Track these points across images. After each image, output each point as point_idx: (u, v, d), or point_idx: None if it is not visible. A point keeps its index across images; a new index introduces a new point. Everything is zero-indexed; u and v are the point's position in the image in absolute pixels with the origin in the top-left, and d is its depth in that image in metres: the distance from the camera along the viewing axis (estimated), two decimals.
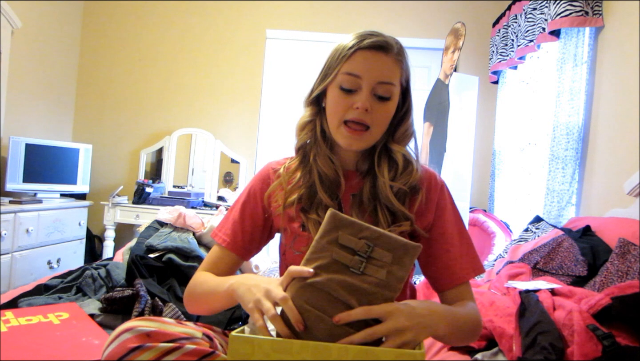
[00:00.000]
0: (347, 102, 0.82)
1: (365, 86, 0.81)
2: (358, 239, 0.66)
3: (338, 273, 0.64)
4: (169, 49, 3.61)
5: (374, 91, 0.82)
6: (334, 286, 0.64)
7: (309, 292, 0.64)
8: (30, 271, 2.73)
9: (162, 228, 2.05)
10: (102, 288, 1.64)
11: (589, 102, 2.12)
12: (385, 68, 0.82)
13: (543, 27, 2.37)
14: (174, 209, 2.15)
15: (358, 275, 0.64)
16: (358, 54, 0.82)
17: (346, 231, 0.66)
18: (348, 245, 0.66)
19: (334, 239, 0.66)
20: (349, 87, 0.82)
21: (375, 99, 0.82)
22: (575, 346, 0.95)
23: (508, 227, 2.65)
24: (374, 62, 0.82)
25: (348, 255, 0.65)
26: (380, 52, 0.82)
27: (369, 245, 0.65)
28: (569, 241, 1.61)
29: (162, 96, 3.62)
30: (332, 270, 0.65)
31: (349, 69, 0.82)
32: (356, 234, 0.66)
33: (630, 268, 1.30)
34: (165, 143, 3.56)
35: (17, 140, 2.87)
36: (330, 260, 0.65)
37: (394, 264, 0.65)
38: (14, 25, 2.76)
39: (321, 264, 0.65)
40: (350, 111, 0.82)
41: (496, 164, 3.09)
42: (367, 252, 0.65)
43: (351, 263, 0.65)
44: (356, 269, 0.65)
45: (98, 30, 3.66)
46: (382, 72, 0.82)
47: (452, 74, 2.67)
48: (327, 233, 0.67)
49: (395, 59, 0.84)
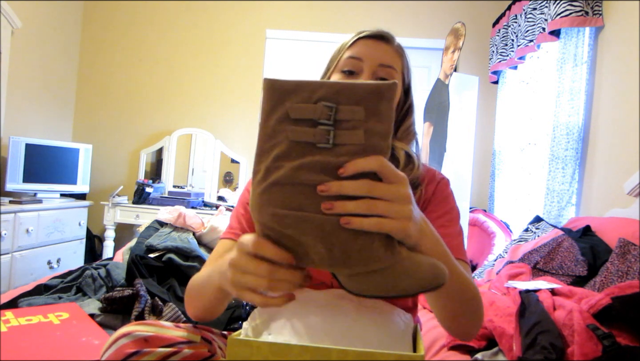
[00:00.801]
0: None
1: (366, 67, 0.81)
2: (314, 104, 0.49)
3: (303, 155, 0.48)
4: (169, 49, 3.61)
5: (376, 73, 0.82)
6: (303, 174, 0.48)
7: (276, 194, 0.49)
8: (30, 271, 2.73)
9: (162, 228, 2.05)
10: (102, 288, 1.64)
11: (589, 102, 2.12)
12: (387, 53, 0.83)
13: (543, 27, 2.37)
14: (174, 209, 2.15)
15: (330, 149, 0.48)
16: (359, 41, 0.84)
17: (295, 99, 0.49)
18: (304, 117, 0.49)
19: (283, 116, 0.49)
20: (350, 69, 0.82)
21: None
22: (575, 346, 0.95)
23: (508, 227, 2.65)
24: (375, 47, 0.83)
25: (308, 129, 0.49)
26: (381, 41, 0.84)
27: (330, 106, 0.48)
28: (569, 241, 1.61)
29: (162, 96, 3.62)
30: (296, 155, 0.49)
31: (350, 54, 0.83)
32: (309, 99, 0.49)
33: (631, 268, 1.30)
34: (165, 143, 3.56)
35: (17, 140, 2.87)
36: (288, 144, 0.49)
37: (370, 118, 0.49)
38: (14, 25, 2.76)
39: (279, 153, 0.49)
40: None
41: (496, 164, 3.09)
42: (331, 115, 0.48)
43: (315, 137, 0.48)
44: (324, 142, 0.48)
45: (98, 30, 3.66)
46: (383, 56, 0.82)
47: (452, 74, 2.67)
48: (273, 109, 0.50)
49: (396, 50, 0.85)
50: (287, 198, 0.48)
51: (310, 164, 0.48)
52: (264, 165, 0.50)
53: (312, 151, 0.49)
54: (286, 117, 0.49)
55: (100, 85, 3.65)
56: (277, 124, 0.49)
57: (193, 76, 3.59)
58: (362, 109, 0.48)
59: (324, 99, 0.49)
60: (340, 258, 0.49)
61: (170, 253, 1.77)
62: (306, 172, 0.48)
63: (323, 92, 0.49)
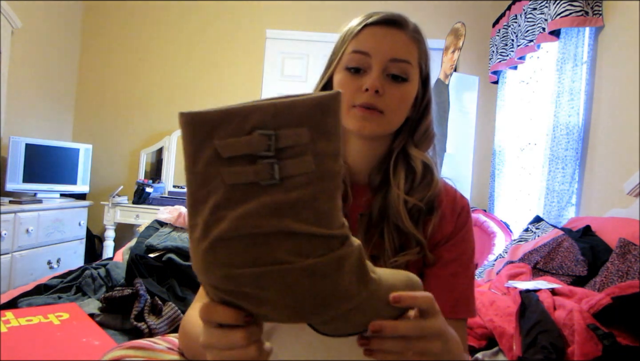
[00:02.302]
0: (354, 84, 0.68)
1: (375, 64, 0.68)
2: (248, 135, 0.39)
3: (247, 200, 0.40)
4: (169, 49, 3.61)
5: (387, 70, 0.68)
6: (251, 222, 0.40)
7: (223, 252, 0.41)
8: (30, 271, 2.72)
9: (162, 228, 2.05)
10: (102, 288, 1.64)
11: (589, 102, 2.12)
12: (400, 44, 0.69)
13: (543, 27, 2.37)
14: (174, 209, 2.15)
15: (277, 186, 0.40)
16: (366, 30, 0.70)
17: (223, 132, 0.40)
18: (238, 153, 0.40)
19: (213, 156, 0.40)
20: (356, 66, 0.69)
21: (388, 80, 0.68)
22: (575, 346, 0.95)
23: (508, 227, 2.65)
24: (386, 37, 0.69)
25: (246, 167, 0.40)
26: (392, 28, 0.70)
27: (268, 134, 0.39)
28: (569, 241, 1.61)
29: (162, 96, 3.62)
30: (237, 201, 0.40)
31: (355, 47, 0.70)
32: (241, 129, 0.40)
33: (631, 268, 1.30)
34: (165, 143, 3.56)
35: (17, 140, 2.87)
36: (225, 189, 0.40)
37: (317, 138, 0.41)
38: (14, 25, 2.76)
39: (217, 202, 0.40)
40: (358, 94, 0.68)
41: (496, 164, 3.09)
42: (271, 145, 0.40)
43: (257, 175, 0.40)
44: (269, 179, 0.40)
45: (98, 30, 3.66)
46: (395, 48, 0.69)
47: (452, 74, 2.67)
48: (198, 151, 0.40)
49: (412, 37, 0.71)
50: (236, 254, 0.40)
51: (256, 210, 0.40)
52: (201, 218, 0.41)
53: (257, 192, 0.40)
54: (217, 157, 0.40)
55: (100, 85, 3.65)
56: (208, 167, 0.40)
57: (193, 75, 3.59)
58: (306, 129, 0.40)
59: (259, 127, 0.40)
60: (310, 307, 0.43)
61: (170, 253, 1.77)
62: (254, 220, 0.40)
63: (256, 118, 0.40)
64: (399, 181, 0.70)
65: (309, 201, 0.41)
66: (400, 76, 0.69)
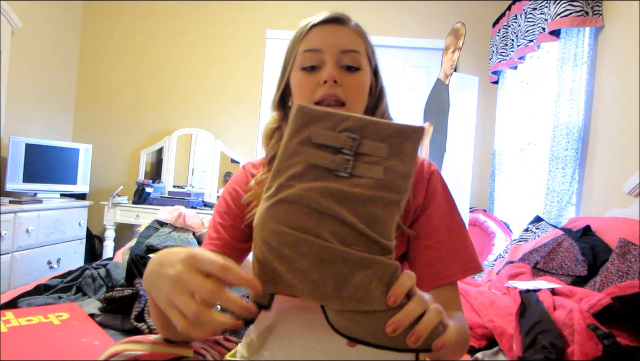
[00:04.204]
0: (312, 80, 0.73)
1: (328, 58, 0.73)
2: (338, 133, 0.49)
3: (317, 179, 0.47)
4: (169, 49, 3.61)
5: (340, 62, 0.73)
6: (314, 197, 0.46)
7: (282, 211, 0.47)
8: (30, 271, 2.72)
9: (162, 228, 2.05)
10: (102, 288, 1.64)
11: (589, 102, 2.12)
12: (347, 37, 0.75)
13: (543, 27, 2.37)
14: (174, 209, 2.15)
15: (346, 178, 0.47)
16: (314, 30, 0.75)
17: (320, 125, 0.49)
18: (326, 143, 0.48)
19: (306, 139, 0.49)
20: (311, 64, 0.73)
21: (343, 71, 0.73)
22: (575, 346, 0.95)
23: (508, 227, 2.65)
24: (333, 33, 0.75)
25: (328, 155, 0.48)
26: (336, 24, 0.76)
27: (354, 138, 0.48)
28: (569, 241, 1.61)
29: (162, 96, 3.62)
30: (310, 177, 0.48)
31: (306, 47, 0.74)
32: (335, 128, 0.49)
33: (631, 268, 1.30)
34: (165, 143, 3.56)
35: (17, 140, 2.87)
36: (305, 166, 0.48)
37: (392, 157, 0.48)
38: (14, 25, 2.76)
39: (294, 173, 0.48)
40: (318, 88, 0.72)
41: (496, 164, 3.09)
42: (353, 147, 0.48)
43: (334, 164, 0.48)
44: (342, 171, 0.47)
45: (98, 30, 3.66)
46: (343, 41, 0.74)
47: (452, 74, 2.67)
48: (297, 131, 0.49)
49: (356, 31, 0.77)
50: (291, 216, 0.46)
51: (322, 189, 0.47)
52: (277, 183, 0.48)
53: (328, 177, 0.48)
54: (308, 140, 0.49)
55: (100, 85, 3.65)
56: (298, 145, 0.49)
57: (193, 76, 3.59)
58: (386, 146, 0.48)
59: (349, 131, 0.49)
60: (332, 290, 0.45)
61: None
62: (316, 196, 0.47)
63: (349, 124, 0.49)
64: None
65: (367, 202, 0.47)
66: (353, 65, 0.73)
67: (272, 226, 0.47)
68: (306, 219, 0.46)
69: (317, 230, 0.46)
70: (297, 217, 0.46)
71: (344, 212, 0.46)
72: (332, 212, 0.46)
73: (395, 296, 0.45)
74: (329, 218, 0.46)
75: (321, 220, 0.46)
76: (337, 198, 0.47)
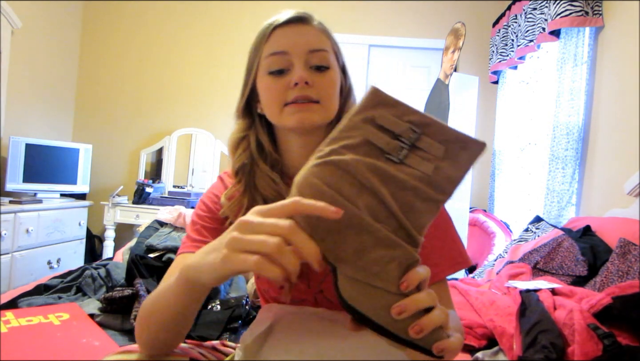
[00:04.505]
0: (281, 84, 0.69)
1: (296, 59, 0.69)
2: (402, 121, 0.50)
3: (368, 155, 0.49)
4: (168, 49, 3.61)
5: (309, 62, 0.70)
6: (360, 167, 0.47)
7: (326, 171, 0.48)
8: (30, 271, 2.72)
9: (162, 228, 2.05)
10: (102, 288, 1.64)
11: (589, 102, 2.12)
12: (312, 36, 0.72)
13: (543, 27, 2.37)
14: (174, 209, 2.15)
15: (395, 163, 0.48)
16: (277, 32, 0.71)
17: (388, 110, 0.50)
18: (388, 127, 0.50)
19: (370, 118, 0.50)
20: (278, 68, 0.70)
21: (312, 71, 0.70)
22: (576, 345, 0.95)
23: (508, 227, 2.65)
24: (298, 33, 0.71)
25: (385, 137, 0.49)
26: (300, 24, 0.73)
27: (415, 131, 0.49)
28: (569, 241, 1.61)
29: (162, 96, 3.62)
30: (362, 152, 0.49)
31: (271, 50, 0.70)
32: (400, 117, 0.50)
33: (631, 267, 1.30)
34: (165, 143, 3.56)
35: (17, 140, 2.87)
36: (361, 140, 0.49)
37: (446, 159, 0.48)
38: (14, 25, 2.76)
39: (349, 144, 0.49)
40: (288, 92, 0.69)
41: (496, 164, 3.09)
42: (412, 139, 0.49)
43: (388, 146, 0.49)
44: (394, 155, 0.48)
45: (98, 30, 3.66)
46: (310, 41, 0.71)
47: (452, 74, 2.67)
48: (364, 109, 0.51)
49: (320, 29, 0.75)
50: (333, 178, 0.48)
51: (369, 164, 0.48)
52: (330, 148, 0.50)
53: (379, 156, 0.49)
54: (372, 120, 0.50)
55: (100, 85, 3.65)
56: (361, 122, 0.50)
57: (193, 75, 3.59)
58: (443, 148, 0.49)
59: (413, 124, 0.50)
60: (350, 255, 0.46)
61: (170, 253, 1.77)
62: (362, 168, 0.48)
63: (415, 118, 0.50)
64: None
65: (408, 190, 0.47)
66: (322, 65, 0.71)
67: (312, 180, 0.48)
68: (346, 186, 0.47)
69: (354, 198, 0.47)
70: (339, 181, 0.47)
71: (384, 191, 0.47)
72: (373, 188, 0.47)
73: (408, 282, 0.45)
74: (368, 192, 0.47)
75: (361, 191, 0.47)
76: (382, 177, 0.48)
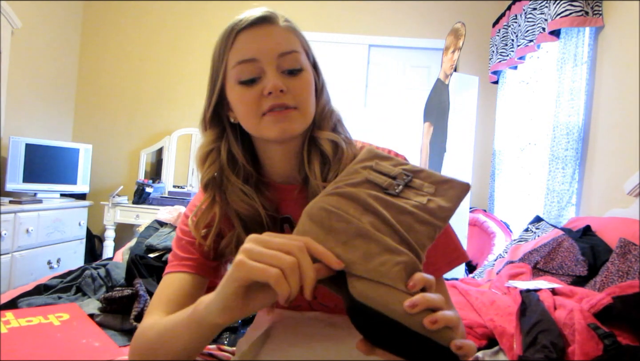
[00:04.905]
0: (254, 94, 0.65)
1: (267, 66, 0.65)
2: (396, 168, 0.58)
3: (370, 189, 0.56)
4: (168, 49, 3.61)
5: (280, 67, 0.66)
6: (363, 196, 0.54)
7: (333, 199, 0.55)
8: (30, 271, 2.72)
9: (162, 228, 2.05)
10: (102, 288, 1.63)
11: (589, 102, 2.12)
12: (280, 37, 0.67)
13: (543, 27, 2.37)
14: (173, 209, 2.15)
15: (393, 196, 0.55)
16: (241, 37, 0.66)
17: (383, 161, 0.60)
18: (384, 171, 0.57)
19: (368, 165, 0.59)
20: (250, 77, 0.65)
21: (286, 76, 0.66)
22: (576, 345, 0.95)
23: (508, 227, 2.65)
24: (264, 36, 0.66)
25: (383, 177, 0.57)
26: (265, 25, 0.67)
27: (407, 174, 0.57)
28: (569, 241, 1.61)
29: (163, 95, 3.62)
30: (364, 188, 0.56)
31: (238, 58, 0.66)
32: (394, 165, 0.59)
33: (631, 267, 1.30)
34: (165, 143, 3.56)
35: (17, 140, 2.87)
36: (362, 179, 0.57)
37: (437, 195, 0.55)
38: (14, 25, 2.76)
39: (351, 182, 0.57)
40: (263, 101, 0.65)
41: (496, 164, 3.09)
42: (406, 180, 0.56)
43: (386, 183, 0.56)
44: (392, 190, 0.55)
45: (98, 30, 3.66)
46: (278, 43, 0.66)
47: (452, 74, 2.67)
48: (362, 161, 0.60)
49: (287, 27, 0.70)
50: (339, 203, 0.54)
51: (371, 194, 0.55)
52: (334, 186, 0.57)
53: (379, 191, 0.56)
54: (370, 167, 0.59)
55: (100, 85, 3.65)
56: (361, 168, 0.59)
57: (193, 75, 3.59)
58: (434, 188, 0.56)
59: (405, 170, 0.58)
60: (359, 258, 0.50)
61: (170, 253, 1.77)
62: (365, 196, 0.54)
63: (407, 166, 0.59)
64: (314, 168, 0.68)
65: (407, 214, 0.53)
66: (295, 68, 0.67)
67: (320, 205, 0.55)
68: (351, 209, 0.54)
69: (359, 216, 0.53)
70: (345, 205, 0.54)
71: (386, 213, 0.53)
72: (376, 211, 0.53)
73: (415, 281, 0.46)
74: (372, 213, 0.53)
75: (365, 212, 0.53)
76: (383, 203, 0.54)
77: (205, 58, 2.92)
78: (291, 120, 0.65)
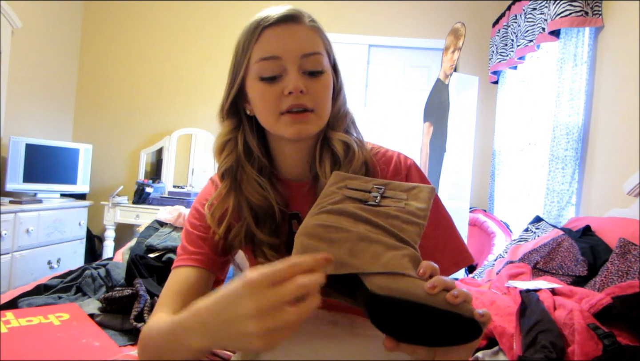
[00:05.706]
0: (275, 92, 0.67)
1: (289, 65, 0.66)
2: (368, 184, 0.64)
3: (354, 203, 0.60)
4: (168, 49, 3.61)
5: (302, 67, 0.67)
6: (351, 208, 0.59)
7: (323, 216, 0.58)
8: (30, 271, 2.72)
9: (162, 228, 2.05)
10: (102, 288, 1.63)
11: (589, 102, 2.12)
12: (305, 38, 0.68)
13: (543, 27, 2.37)
14: (173, 209, 2.15)
15: (374, 206, 0.60)
16: (267, 33, 0.67)
17: (354, 180, 0.65)
18: (359, 188, 0.63)
19: (342, 186, 0.63)
20: (272, 74, 0.67)
21: (306, 77, 0.67)
22: (576, 345, 0.95)
23: (508, 227, 2.65)
24: (289, 35, 0.67)
25: (360, 192, 0.62)
26: (291, 23, 0.68)
27: (380, 187, 0.63)
28: (569, 241, 1.61)
29: (162, 95, 3.62)
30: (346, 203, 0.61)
31: (262, 54, 0.67)
32: (365, 182, 0.64)
33: (631, 267, 1.30)
34: (165, 143, 3.56)
35: (17, 140, 2.87)
36: (342, 197, 0.61)
37: (410, 199, 0.61)
38: (14, 25, 2.76)
39: (333, 200, 0.61)
40: (283, 100, 0.67)
41: (496, 164, 3.09)
42: (380, 191, 0.62)
43: (364, 196, 0.61)
44: (372, 201, 0.60)
45: (98, 30, 3.66)
46: (302, 44, 0.67)
47: (452, 74, 2.67)
48: (334, 184, 0.64)
49: (311, 27, 0.71)
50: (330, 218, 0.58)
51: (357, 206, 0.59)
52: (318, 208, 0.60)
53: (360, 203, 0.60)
54: (345, 186, 0.63)
55: (100, 85, 3.65)
56: (337, 189, 0.63)
57: (193, 75, 3.59)
58: (406, 194, 0.62)
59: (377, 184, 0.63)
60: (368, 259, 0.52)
61: (170, 253, 1.77)
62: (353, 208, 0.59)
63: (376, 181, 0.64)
64: (325, 167, 0.70)
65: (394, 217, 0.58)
66: (316, 70, 0.68)
67: (312, 222, 0.57)
68: (344, 221, 0.57)
69: (355, 227, 0.56)
70: (337, 219, 0.57)
71: (377, 220, 0.57)
72: (367, 219, 0.57)
73: (424, 269, 0.49)
74: (364, 222, 0.57)
75: (357, 222, 0.57)
76: (370, 212, 0.58)
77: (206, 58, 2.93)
78: (307, 122, 0.67)
